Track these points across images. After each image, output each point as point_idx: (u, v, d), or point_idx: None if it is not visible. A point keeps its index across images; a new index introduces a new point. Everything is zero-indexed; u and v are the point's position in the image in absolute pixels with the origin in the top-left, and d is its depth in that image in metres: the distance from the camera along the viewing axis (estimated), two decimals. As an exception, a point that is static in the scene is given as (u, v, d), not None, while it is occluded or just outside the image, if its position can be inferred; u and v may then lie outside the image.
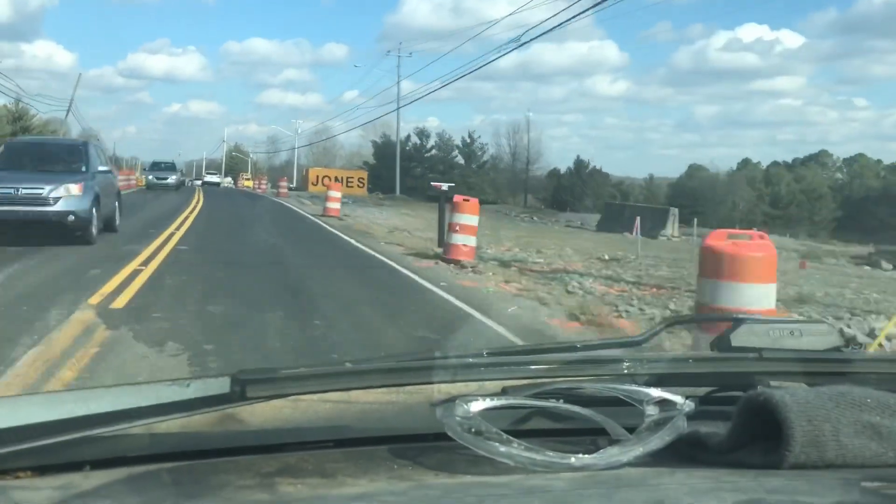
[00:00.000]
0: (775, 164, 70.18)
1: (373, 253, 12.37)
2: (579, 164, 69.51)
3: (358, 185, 54.00)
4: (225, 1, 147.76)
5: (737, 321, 1.01)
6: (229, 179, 76.08)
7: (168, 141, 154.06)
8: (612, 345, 1.11)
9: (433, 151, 71.23)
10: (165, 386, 0.82)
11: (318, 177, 54.20)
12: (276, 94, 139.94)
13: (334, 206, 21.81)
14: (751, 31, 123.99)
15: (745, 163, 71.26)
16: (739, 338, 0.99)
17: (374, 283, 9.17)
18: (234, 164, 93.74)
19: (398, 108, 53.80)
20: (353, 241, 14.38)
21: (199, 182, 61.67)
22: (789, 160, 71.20)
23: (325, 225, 18.44)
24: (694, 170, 70.29)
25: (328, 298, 7.65)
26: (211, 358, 4.99)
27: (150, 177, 38.71)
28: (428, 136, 72.63)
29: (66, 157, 12.24)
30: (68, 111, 43.97)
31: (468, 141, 72.80)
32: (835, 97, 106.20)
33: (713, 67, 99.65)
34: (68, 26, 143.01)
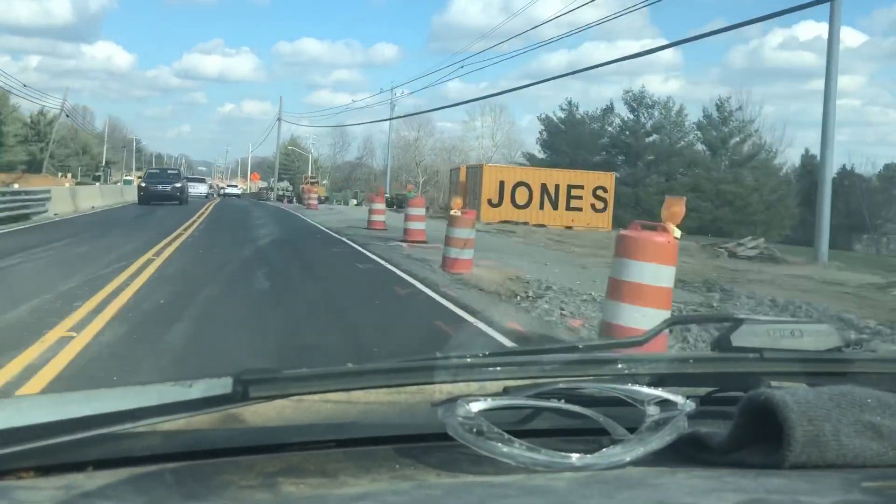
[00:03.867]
0: None
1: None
2: (807, 158, 38.81)
3: (594, 208, 27.79)
4: (277, 1, 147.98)
5: (737, 321, 1.01)
6: (286, 184, 53.13)
7: (220, 140, 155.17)
8: (612, 345, 1.11)
9: (654, 136, 42.67)
10: (168, 386, 0.82)
11: (501, 184, 27.39)
12: (327, 96, 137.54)
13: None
14: (808, 29, 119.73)
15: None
16: (740, 338, 0.99)
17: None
18: (290, 161, 72.57)
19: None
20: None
21: (225, 192, 50.70)
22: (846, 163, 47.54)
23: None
24: None
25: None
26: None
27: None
28: (651, 108, 42.84)
29: None
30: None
31: (714, 117, 40.47)
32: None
33: (769, 67, 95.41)
34: (127, 28, 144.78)
